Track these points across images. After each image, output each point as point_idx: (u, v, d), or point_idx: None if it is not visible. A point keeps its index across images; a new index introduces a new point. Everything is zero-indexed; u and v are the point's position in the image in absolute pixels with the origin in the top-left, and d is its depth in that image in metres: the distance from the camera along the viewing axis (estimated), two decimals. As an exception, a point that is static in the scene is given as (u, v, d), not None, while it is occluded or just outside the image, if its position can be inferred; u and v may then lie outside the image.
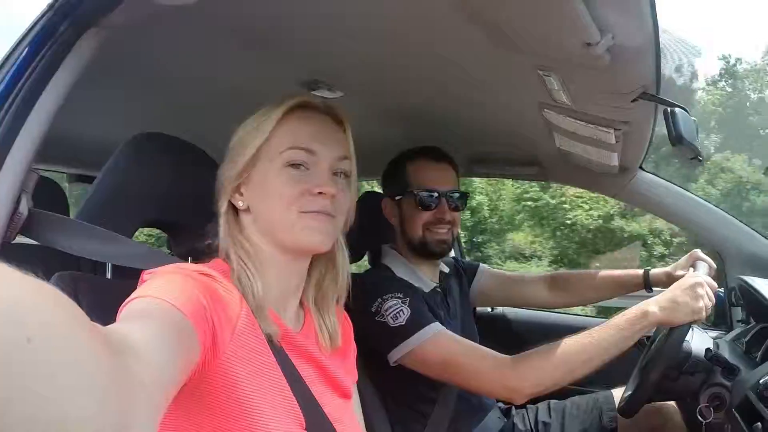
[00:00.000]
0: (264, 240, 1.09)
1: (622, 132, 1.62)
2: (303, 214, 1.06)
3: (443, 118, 1.99)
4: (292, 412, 1.01)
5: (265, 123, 1.09)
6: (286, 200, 1.06)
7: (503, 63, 1.37)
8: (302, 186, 1.06)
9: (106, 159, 1.21)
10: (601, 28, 1.01)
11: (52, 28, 1.04)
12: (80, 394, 0.43)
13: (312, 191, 1.06)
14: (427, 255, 1.95)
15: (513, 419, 2.09)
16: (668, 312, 1.53)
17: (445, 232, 1.93)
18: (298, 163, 1.07)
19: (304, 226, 1.06)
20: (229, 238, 1.08)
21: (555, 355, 1.55)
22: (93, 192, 1.19)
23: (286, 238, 1.08)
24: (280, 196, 1.06)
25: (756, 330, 1.85)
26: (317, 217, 1.07)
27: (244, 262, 1.05)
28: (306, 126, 1.10)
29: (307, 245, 1.09)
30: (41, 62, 1.03)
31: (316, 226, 1.07)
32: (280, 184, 1.07)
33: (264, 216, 1.09)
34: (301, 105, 1.12)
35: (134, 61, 1.49)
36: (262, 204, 1.09)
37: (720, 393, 1.60)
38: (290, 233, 1.07)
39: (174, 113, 1.97)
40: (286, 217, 1.06)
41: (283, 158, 1.07)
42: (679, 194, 2.28)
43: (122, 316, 0.79)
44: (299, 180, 1.07)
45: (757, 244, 2.21)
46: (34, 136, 1.01)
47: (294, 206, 1.06)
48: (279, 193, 1.07)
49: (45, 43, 1.03)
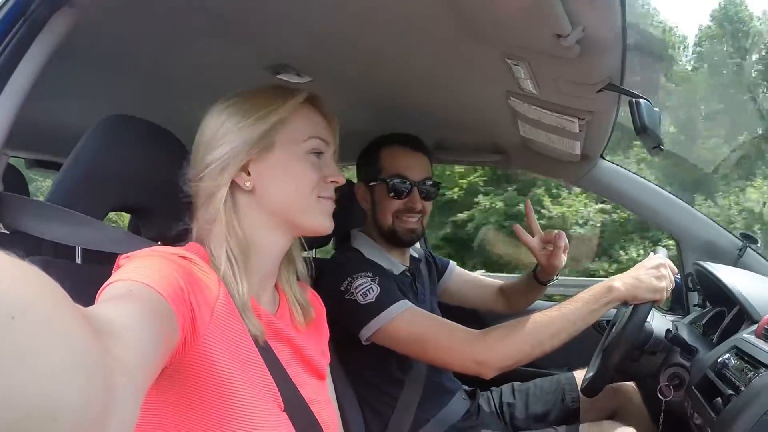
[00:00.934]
0: (265, 221, 1.12)
1: (585, 121, 1.66)
2: (321, 198, 1.14)
3: (411, 105, 2.00)
4: (271, 393, 1.02)
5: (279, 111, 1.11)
6: (309, 185, 1.12)
7: (473, 51, 1.38)
8: (321, 173, 1.14)
9: (72, 144, 1.19)
10: (572, 21, 1.04)
11: (24, 5, 1.03)
12: (65, 373, 0.43)
13: (327, 179, 1.15)
14: (395, 243, 1.96)
15: (478, 401, 2.13)
16: (631, 288, 1.57)
17: (415, 222, 1.94)
18: (319, 151, 1.14)
19: (322, 211, 1.15)
20: (224, 221, 1.07)
21: (523, 328, 1.57)
22: (63, 175, 1.16)
23: (302, 219, 1.13)
24: (303, 181, 1.12)
25: (712, 313, 1.92)
26: (329, 204, 1.16)
27: (234, 255, 1.06)
28: (321, 118, 1.18)
29: (320, 227, 1.15)
30: (12, 41, 1.02)
31: (329, 212, 1.16)
32: (303, 169, 1.12)
33: (276, 197, 1.11)
34: (312, 97, 1.18)
35: (104, 43, 1.47)
36: (277, 185, 1.11)
37: (679, 372, 1.67)
38: (307, 216, 1.13)
39: (143, 96, 1.94)
40: (305, 200, 1.12)
41: (307, 145, 1.13)
42: (638, 183, 2.35)
43: (101, 299, 0.78)
44: (319, 167, 1.14)
45: (712, 232, 2.29)
46: (7, 117, 0.99)
47: (314, 191, 1.13)
48: (301, 177, 1.12)
49: (17, 21, 1.02)
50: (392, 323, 1.66)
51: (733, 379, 1.39)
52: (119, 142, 1.22)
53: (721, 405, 1.36)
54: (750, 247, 2.19)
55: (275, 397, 1.03)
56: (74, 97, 1.91)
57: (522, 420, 2.10)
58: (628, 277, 1.61)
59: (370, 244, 1.95)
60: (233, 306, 1.00)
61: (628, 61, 1.29)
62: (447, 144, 2.47)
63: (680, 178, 12.49)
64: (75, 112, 1.98)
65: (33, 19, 1.03)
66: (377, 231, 1.96)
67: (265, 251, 1.12)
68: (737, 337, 1.55)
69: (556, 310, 1.59)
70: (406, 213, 1.92)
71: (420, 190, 1.94)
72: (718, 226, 2.31)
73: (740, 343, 1.50)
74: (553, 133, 1.86)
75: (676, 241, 2.38)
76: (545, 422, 2.06)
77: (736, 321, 1.73)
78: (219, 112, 1.11)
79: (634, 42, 2.90)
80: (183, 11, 1.32)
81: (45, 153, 2.75)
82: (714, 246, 2.27)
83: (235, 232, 1.07)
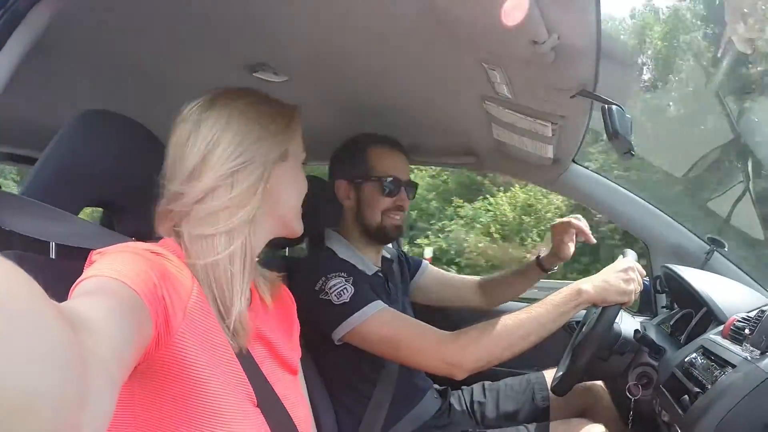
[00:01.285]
0: (272, 224, 1.19)
1: (558, 125, 1.69)
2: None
3: (386, 106, 2.00)
4: (244, 389, 1.03)
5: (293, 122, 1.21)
6: (302, 192, 1.24)
7: (450, 56, 1.40)
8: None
9: (47, 138, 1.17)
10: (548, 28, 1.06)
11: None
12: (41, 365, 0.43)
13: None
14: (381, 239, 2.00)
15: (449, 400, 2.16)
16: (600, 291, 1.61)
17: (400, 219, 2.00)
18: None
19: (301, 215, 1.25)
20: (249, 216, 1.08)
21: (495, 330, 1.60)
22: (38, 170, 1.14)
23: (295, 223, 1.23)
24: (300, 188, 1.23)
25: (680, 315, 1.96)
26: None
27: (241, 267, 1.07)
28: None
29: (300, 230, 1.25)
30: None
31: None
32: (302, 178, 1.24)
33: (286, 202, 1.20)
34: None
35: (82, 37, 1.45)
36: (289, 190, 1.20)
37: (647, 372, 1.71)
38: (297, 219, 1.24)
39: (120, 91, 1.92)
40: (297, 205, 1.23)
41: (302, 156, 1.25)
42: (609, 187, 2.38)
43: (74, 295, 0.78)
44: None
45: (680, 236, 2.34)
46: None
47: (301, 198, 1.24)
48: (303, 185, 1.24)
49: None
50: (365, 324, 1.67)
51: (700, 377, 1.43)
52: (95, 138, 1.21)
53: (688, 402, 1.40)
54: (717, 251, 2.23)
55: (248, 393, 1.04)
56: (50, 92, 1.89)
57: (493, 419, 2.13)
58: (597, 279, 1.64)
59: (344, 244, 1.96)
60: (206, 302, 1.01)
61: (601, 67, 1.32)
62: (420, 146, 2.47)
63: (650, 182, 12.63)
64: (51, 107, 1.96)
65: (12, 12, 1.01)
66: (360, 228, 1.98)
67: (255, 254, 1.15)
68: (704, 338, 1.59)
69: (526, 312, 1.62)
70: (394, 211, 1.97)
71: (406, 189, 2.00)
72: (686, 230, 2.35)
73: (707, 343, 1.54)
74: (526, 136, 1.88)
75: (645, 244, 2.42)
76: (516, 420, 2.09)
77: (704, 322, 1.77)
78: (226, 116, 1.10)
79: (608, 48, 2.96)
80: (161, 8, 1.31)
81: (18, 147, 2.71)
82: (682, 249, 2.31)
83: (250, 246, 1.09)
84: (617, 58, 5.24)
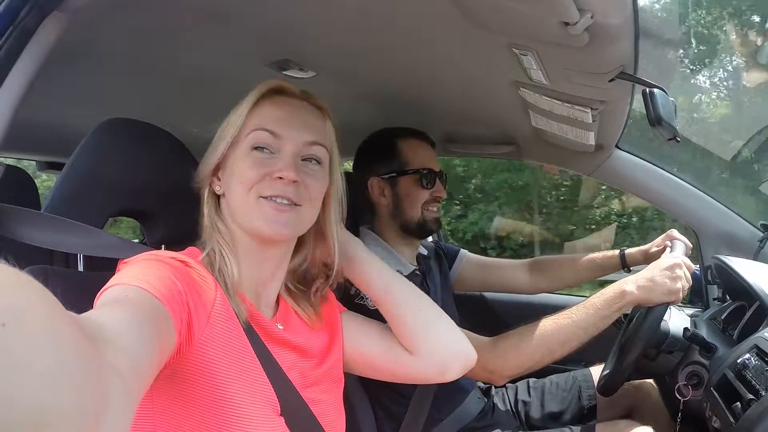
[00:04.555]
0: (234, 225, 1.09)
1: (599, 111, 1.62)
2: (262, 199, 1.04)
3: (418, 98, 1.98)
4: (267, 397, 1.01)
5: (240, 108, 1.08)
6: (247, 184, 1.05)
7: (478, 42, 1.35)
8: (264, 170, 1.04)
9: (75, 146, 1.18)
10: (580, 7, 1.00)
11: (13, 13, 1.01)
12: (57, 381, 0.42)
13: (272, 175, 1.04)
14: (422, 234, 1.96)
15: (493, 399, 2.10)
16: (646, 292, 1.54)
17: (437, 210, 1.96)
18: (261, 145, 1.06)
19: (261, 214, 1.04)
20: (209, 222, 1.09)
21: (534, 336, 1.56)
22: (61, 181, 1.16)
23: (246, 223, 1.06)
24: (242, 180, 1.05)
25: (732, 308, 1.88)
26: (276, 206, 1.04)
27: (221, 246, 1.06)
28: (276, 110, 1.09)
29: (262, 233, 1.06)
30: (2, 50, 1.00)
31: (272, 215, 1.04)
32: (244, 167, 1.05)
33: (230, 200, 1.08)
34: (276, 90, 1.11)
35: (101, 45, 1.45)
36: (230, 188, 1.08)
37: (698, 371, 1.63)
38: (248, 219, 1.06)
39: (143, 98, 1.92)
40: (245, 201, 1.05)
41: (248, 141, 1.06)
42: (655, 173, 2.30)
43: (98, 303, 0.78)
44: (262, 164, 1.05)
45: (731, 223, 2.25)
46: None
47: (254, 190, 1.04)
48: (242, 176, 1.05)
49: (5, 30, 1.01)
50: None
51: (753, 381, 1.36)
52: (116, 147, 1.21)
53: (740, 410, 1.33)
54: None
55: (271, 401, 1.02)
56: (76, 100, 1.90)
57: (538, 419, 2.07)
58: (642, 279, 1.57)
59: (381, 244, 1.92)
60: (230, 310, 1.00)
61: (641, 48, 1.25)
62: (456, 136, 2.45)
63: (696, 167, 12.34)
64: (79, 114, 1.97)
65: (23, 27, 1.02)
66: (399, 225, 1.94)
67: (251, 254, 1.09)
68: (758, 336, 1.51)
69: (567, 317, 1.57)
70: (432, 203, 1.94)
71: (441, 180, 1.96)
72: (737, 216, 2.26)
73: (761, 342, 1.46)
74: (565, 123, 1.83)
75: (694, 232, 2.33)
76: (561, 421, 2.03)
77: (757, 316, 1.68)
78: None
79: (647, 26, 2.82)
80: (180, 8, 1.30)
81: (55, 155, 2.76)
82: (734, 237, 2.23)
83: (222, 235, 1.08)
84: (658, 36, 5.09)
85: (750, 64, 13.06)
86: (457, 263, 2.30)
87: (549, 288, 2.33)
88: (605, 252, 2.21)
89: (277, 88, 1.11)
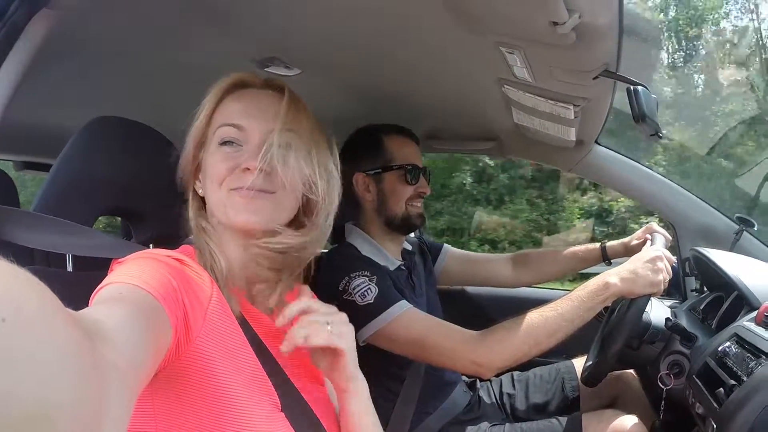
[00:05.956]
0: (215, 221, 1.09)
1: (581, 108, 1.64)
2: (232, 191, 1.05)
3: (402, 94, 1.98)
4: (267, 393, 1.01)
5: (205, 107, 1.09)
6: (218, 179, 1.05)
7: (465, 40, 1.36)
8: (232, 162, 1.05)
9: (62, 144, 1.17)
10: (569, 7, 1.02)
11: (2, 9, 1.01)
12: (57, 375, 0.43)
13: (240, 167, 1.04)
14: (406, 229, 1.99)
15: (478, 392, 2.13)
16: (628, 284, 1.57)
17: (421, 206, 1.99)
18: (228, 140, 1.06)
19: (232, 205, 1.05)
20: (194, 223, 1.09)
21: (520, 329, 1.57)
22: (50, 181, 1.15)
23: (222, 217, 1.07)
24: (214, 176, 1.06)
25: (710, 299, 1.91)
26: (246, 194, 1.04)
27: (208, 244, 1.06)
28: (237, 103, 1.09)
29: (236, 224, 1.06)
30: None
31: (242, 205, 1.04)
32: (214, 163, 1.06)
33: (207, 198, 1.09)
34: (237, 84, 1.12)
35: (89, 42, 1.44)
36: (206, 186, 1.08)
37: (679, 360, 1.66)
38: (223, 213, 1.06)
39: (131, 96, 1.92)
40: (218, 196, 1.06)
41: (216, 137, 1.07)
42: (633, 167, 2.34)
43: (94, 302, 0.78)
44: (230, 157, 1.05)
45: (707, 216, 2.29)
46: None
47: (224, 184, 1.05)
48: (213, 172, 1.06)
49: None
50: (390, 326, 1.65)
51: (735, 368, 1.39)
52: (104, 145, 1.21)
53: (723, 395, 1.35)
54: (746, 231, 2.18)
55: (272, 397, 1.01)
56: (61, 98, 1.89)
57: (523, 410, 2.10)
58: (625, 271, 1.59)
59: (366, 239, 1.94)
60: (227, 307, 1.00)
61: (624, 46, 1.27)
62: (438, 133, 2.47)
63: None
64: (63, 113, 1.95)
65: (11, 25, 1.01)
66: (383, 221, 1.96)
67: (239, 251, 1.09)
68: (737, 325, 1.54)
69: (552, 309, 1.59)
70: (416, 198, 1.97)
71: (424, 176, 1.99)
72: (713, 209, 2.30)
73: (741, 330, 1.49)
74: (547, 119, 1.84)
75: (672, 225, 2.37)
76: (546, 412, 2.06)
77: (735, 306, 1.72)
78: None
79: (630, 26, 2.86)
80: (166, 7, 1.30)
81: (35, 155, 2.73)
82: (710, 230, 2.27)
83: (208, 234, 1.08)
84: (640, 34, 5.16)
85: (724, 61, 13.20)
86: (441, 258, 2.32)
87: (532, 281, 2.36)
88: (587, 245, 2.24)
89: (237, 82, 1.11)
